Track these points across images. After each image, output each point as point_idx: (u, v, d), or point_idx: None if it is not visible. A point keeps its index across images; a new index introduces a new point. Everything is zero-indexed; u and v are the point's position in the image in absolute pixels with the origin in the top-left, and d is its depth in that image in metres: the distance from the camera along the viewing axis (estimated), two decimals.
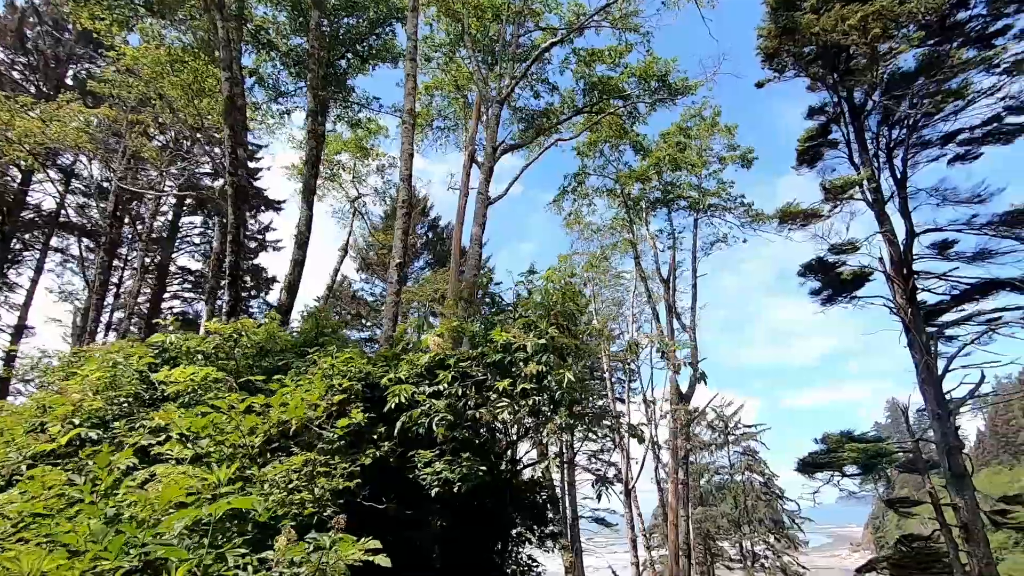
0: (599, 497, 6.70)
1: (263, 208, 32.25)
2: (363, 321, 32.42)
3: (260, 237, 33.02)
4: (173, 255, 30.79)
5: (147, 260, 28.24)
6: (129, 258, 29.77)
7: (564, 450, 36.99)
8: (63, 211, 26.55)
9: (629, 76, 18.96)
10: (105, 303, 25.48)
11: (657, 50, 18.66)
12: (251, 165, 31.71)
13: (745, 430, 43.53)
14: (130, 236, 29.25)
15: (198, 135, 22.42)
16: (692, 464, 35.10)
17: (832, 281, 16.05)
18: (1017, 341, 14.36)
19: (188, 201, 29.84)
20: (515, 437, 5.86)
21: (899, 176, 15.50)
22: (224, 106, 12.56)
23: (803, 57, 15.44)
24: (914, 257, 15.23)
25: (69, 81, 27.05)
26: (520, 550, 7.48)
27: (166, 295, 31.08)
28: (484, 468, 4.79)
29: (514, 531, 7.96)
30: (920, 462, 14.56)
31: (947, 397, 14.19)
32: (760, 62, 15.85)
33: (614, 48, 18.41)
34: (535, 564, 8.16)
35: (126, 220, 28.15)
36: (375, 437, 4.88)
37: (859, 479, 14.87)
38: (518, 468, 6.49)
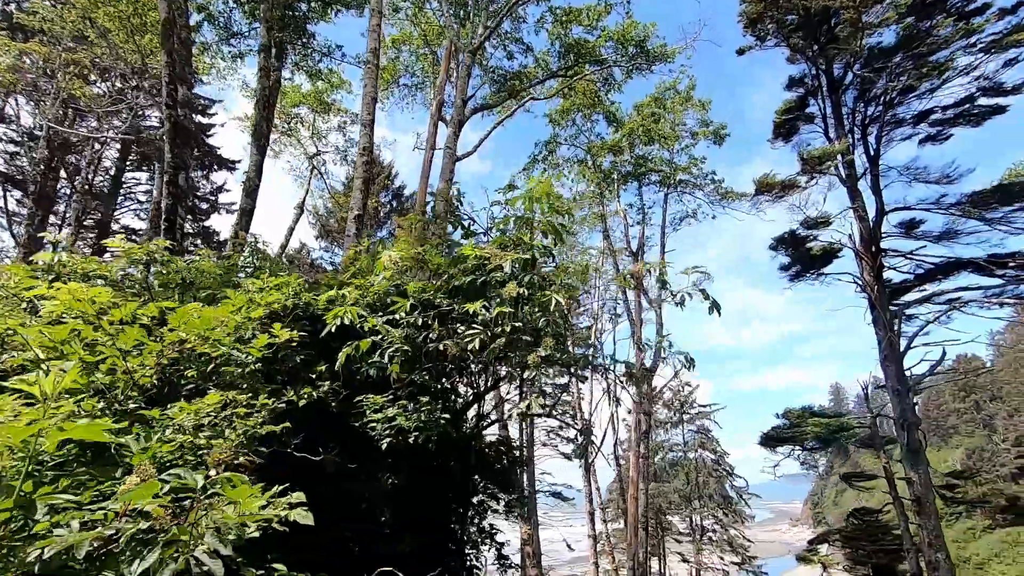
0: (583, 455, 6.03)
1: (216, 167, 30.13)
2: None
3: (212, 198, 30.92)
4: (115, 213, 28.40)
5: (85, 216, 25.92)
6: (67, 215, 27.30)
7: (526, 423, 36.64)
8: None
9: (606, 40, 18.07)
10: None
11: (637, 13, 17.83)
12: (204, 120, 29.53)
13: (700, 409, 44.28)
14: (68, 192, 26.78)
15: (143, 82, 20.48)
16: (649, 441, 35.28)
17: (802, 257, 15.81)
18: (974, 320, 14.42)
19: (132, 156, 27.52)
20: (483, 387, 5.03)
21: (872, 153, 15.27)
22: (161, 31, 11.08)
23: (785, 25, 14.89)
24: (882, 235, 15.10)
25: None
26: (483, 518, 6.74)
27: (107, 256, 28.75)
28: (447, 417, 3.96)
29: (476, 499, 7.21)
30: (876, 437, 14.58)
31: (907, 374, 14.20)
32: (742, 28, 15.23)
33: (592, 8, 17.45)
34: (497, 532, 7.45)
35: (62, 173, 25.69)
36: (313, 377, 3.96)
37: (817, 452, 14.78)
38: (484, 424, 5.69)
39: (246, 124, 21.38)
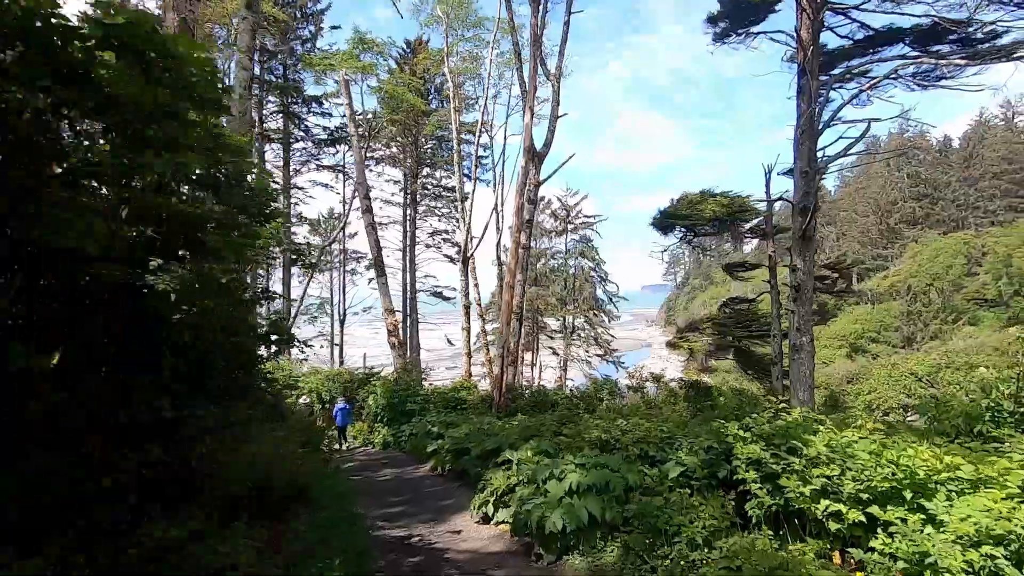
0: None
1: None
2: None
3: None
4: None
5: None
6: None
7: (408, 226, 33.48)
8: None
9: None
10: None
11: None
12: None
13: (584, 219, 43.71)
14: None
15: None
16: (532, 249, 34.26)
17: (735, 8, 12.45)
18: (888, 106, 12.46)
19: None
20: None
21: None
22: None
23: None
24: None
25: None
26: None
27: None
28: None
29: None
30: (770, 225, 13.16)
31: (820, 155, 12.36)
32: None
33: None
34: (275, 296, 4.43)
35: None
36: None
37: (709, 237, 13.28)
38: None
39: None
